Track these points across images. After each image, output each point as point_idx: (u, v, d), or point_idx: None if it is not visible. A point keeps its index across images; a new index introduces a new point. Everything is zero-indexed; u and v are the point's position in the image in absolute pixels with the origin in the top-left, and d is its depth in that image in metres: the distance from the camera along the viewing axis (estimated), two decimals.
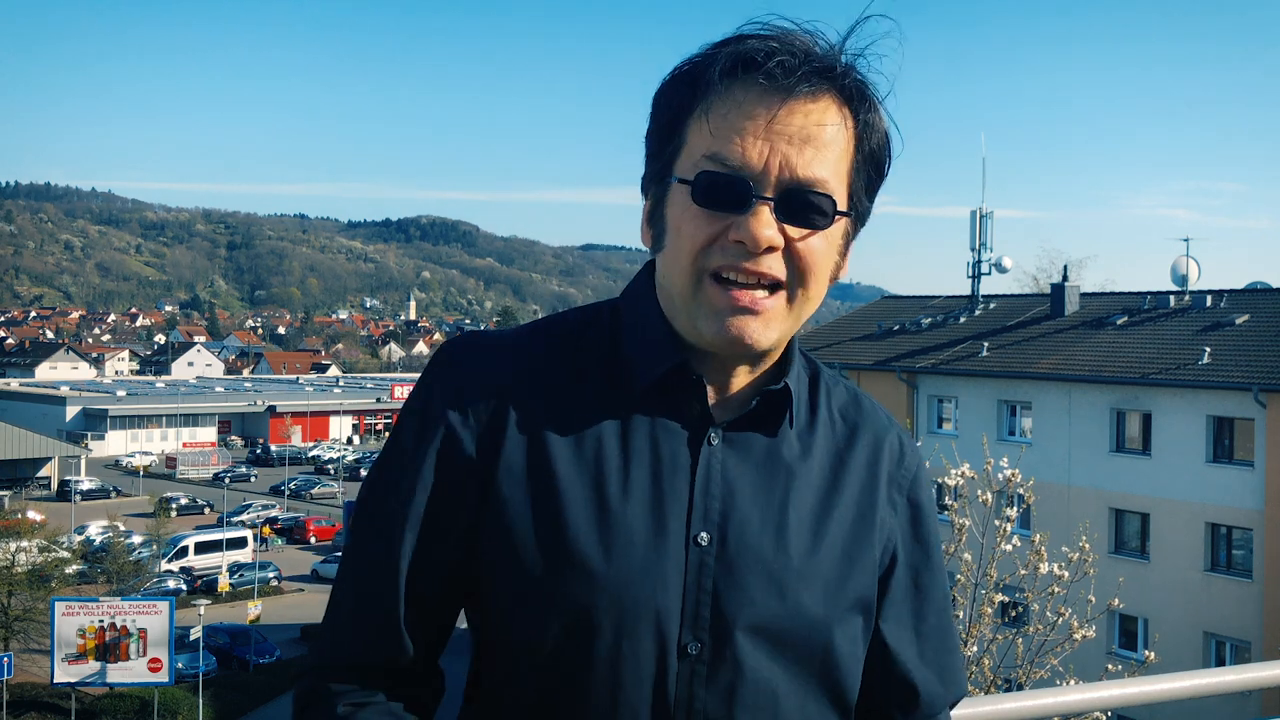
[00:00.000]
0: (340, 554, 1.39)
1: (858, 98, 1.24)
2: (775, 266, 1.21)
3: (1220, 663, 23.81)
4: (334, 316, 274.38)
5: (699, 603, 1.22)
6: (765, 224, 1.19)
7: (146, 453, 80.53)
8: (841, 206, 1.24)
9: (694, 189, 1.21)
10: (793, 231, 1.21)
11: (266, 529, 51.69)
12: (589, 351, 1.31)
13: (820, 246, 1.23)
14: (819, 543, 1.28)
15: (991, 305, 33.88)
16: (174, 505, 58.27)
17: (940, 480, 7.44)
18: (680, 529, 1.23)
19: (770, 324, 1.23)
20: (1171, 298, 29.44)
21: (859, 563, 1.31)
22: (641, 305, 1.32)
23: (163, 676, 26.71)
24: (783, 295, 1.23)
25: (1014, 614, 7.45)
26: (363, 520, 1.29)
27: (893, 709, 1.36)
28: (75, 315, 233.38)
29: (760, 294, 1.21)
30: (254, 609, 36.93)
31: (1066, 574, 7.08)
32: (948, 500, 7.39)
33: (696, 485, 1.25)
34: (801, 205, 1.21)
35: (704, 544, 1.23)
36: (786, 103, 1.20)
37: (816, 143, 1.21)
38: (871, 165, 1.28)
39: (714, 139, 1.21)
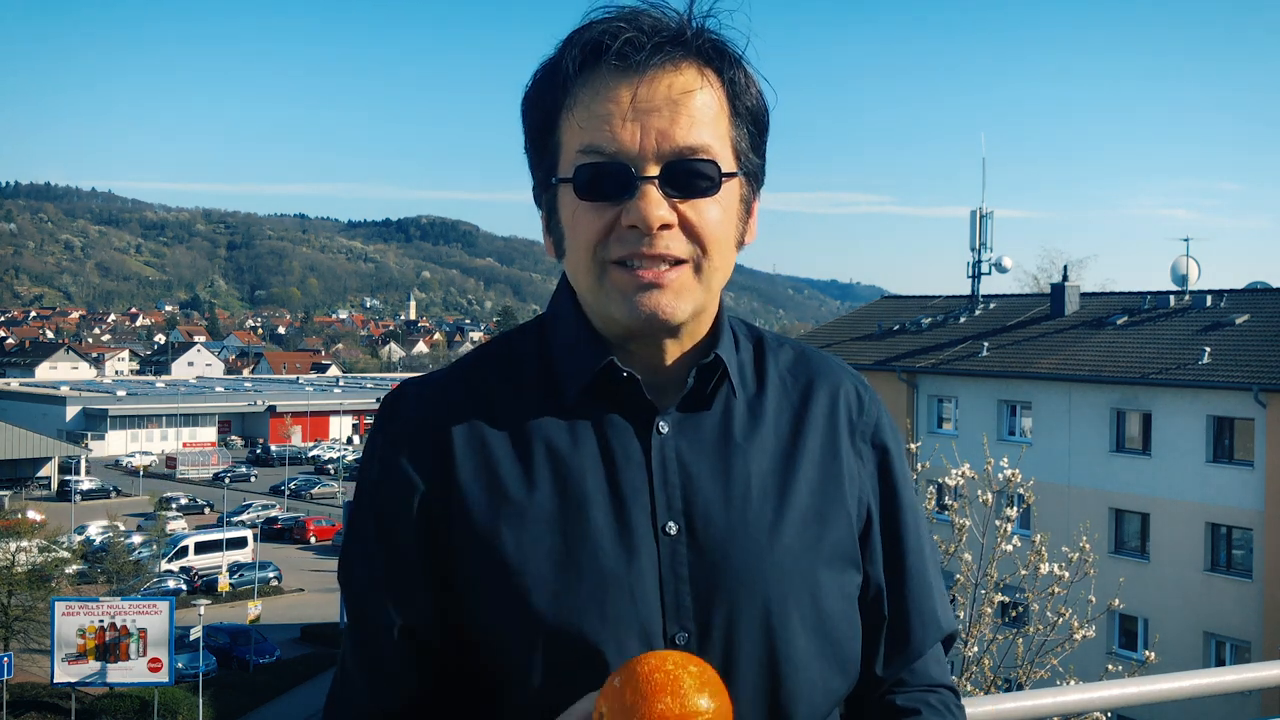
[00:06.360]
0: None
1: (717, 57, 1.23)
2: (674, 244, 1.20)
3: (1220, 663, 23.81)
4: (334, 316, 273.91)
5: (678, 592, 1.21)
6: (654, 203, 1.18)
7: (146, 453, 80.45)
8: (728, 168, 1.22)
9: (576, 185, 1.20)
10: (684, 205, 1.20)
11: None
12: (524, 369, 1.30)
13: (716, 213, 1.22)
14: (786, 506, 1.26)
15: (991, 305, 33.85)
16: (174, 505, 58.22)
17: (940, 480, 7.45)
18: (646, 523, 1.22)
19: (680, 295, 1.21)
20: (1171, 298, 29.41)
21: (832, 518, 1.28)
22: (564, 313, 1.31)
23: (163, 676, 26.68)
24: (688, 268, 1.21)
25: (1014, 614, 7.46)
26: (349, 591, 1.29)
27: (881, 652, 1.34)
28: (75, 315, 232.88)
29: (663, 268, 1.20)
30: (254, 609, 36.86)
31: (1066, 574, 7.09)
32: (948, 500, 7.40)
33: (654, 476, 1.24)
34: (686, 175, 1.19)
35: (673, 533, 1.22)
36: (645, 78, 1.18)
37: (687, 109, 1.19)
38: (750, 121, 1.26)
39: (584, 131, 1.19)
